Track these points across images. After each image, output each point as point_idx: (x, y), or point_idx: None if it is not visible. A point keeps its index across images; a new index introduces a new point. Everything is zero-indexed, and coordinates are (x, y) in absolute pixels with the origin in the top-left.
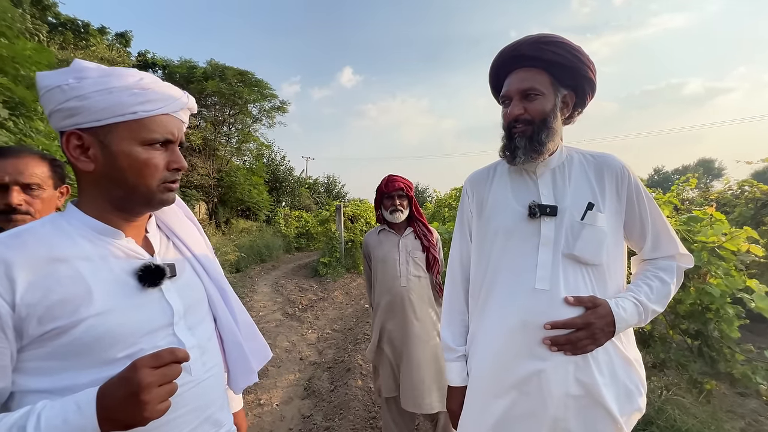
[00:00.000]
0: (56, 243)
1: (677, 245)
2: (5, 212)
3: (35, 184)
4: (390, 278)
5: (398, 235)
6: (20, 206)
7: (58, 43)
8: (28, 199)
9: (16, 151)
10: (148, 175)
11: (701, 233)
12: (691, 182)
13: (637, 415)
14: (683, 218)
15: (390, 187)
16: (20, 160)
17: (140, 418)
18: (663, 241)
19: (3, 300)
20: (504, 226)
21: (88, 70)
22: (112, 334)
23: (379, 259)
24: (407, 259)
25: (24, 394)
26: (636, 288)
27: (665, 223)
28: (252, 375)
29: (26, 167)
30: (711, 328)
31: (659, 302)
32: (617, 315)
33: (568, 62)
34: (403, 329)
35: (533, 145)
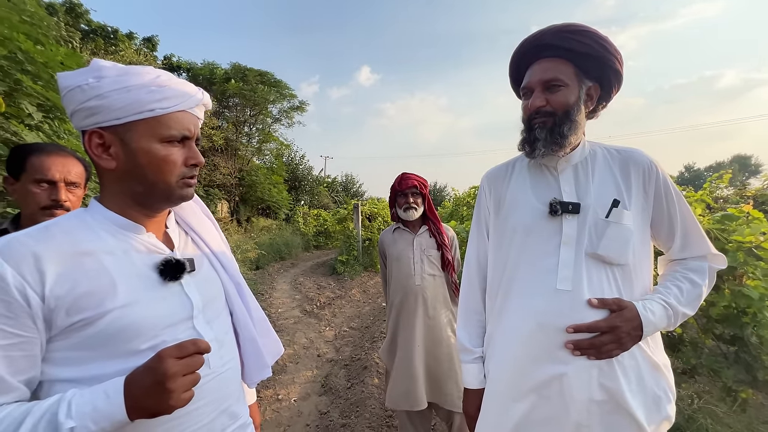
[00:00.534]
0: (82, 237)
1: (708, 245)
2: (50, 207)
3: (76, 183)
4: (404, 276)
5: (413, 234)
6: (65, 203)
7: (90, 49)
8: (70, 196)
9: (61, 150)
10: (167, 171)
11: (737, 232)
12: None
13: (666, 425)
14: (717, 216)
15: (403, 185)
16: (67, 159)
17: (166, 406)
18: (693, 241)
19: (33, 291)
20: (523, 224)
21: (106, 69)
22: (136, 326)
23: (394, 257)
24: (422, 258)
25: (52, 384)
26: (664, 290)
27: (695, 221)
28: (265, 369)
29: (72, 166)
30: (748, 333)
31: (690, 305)
32: (644, 318)
33: (594, 52)
34: (417, 327)
35: (554, 138)
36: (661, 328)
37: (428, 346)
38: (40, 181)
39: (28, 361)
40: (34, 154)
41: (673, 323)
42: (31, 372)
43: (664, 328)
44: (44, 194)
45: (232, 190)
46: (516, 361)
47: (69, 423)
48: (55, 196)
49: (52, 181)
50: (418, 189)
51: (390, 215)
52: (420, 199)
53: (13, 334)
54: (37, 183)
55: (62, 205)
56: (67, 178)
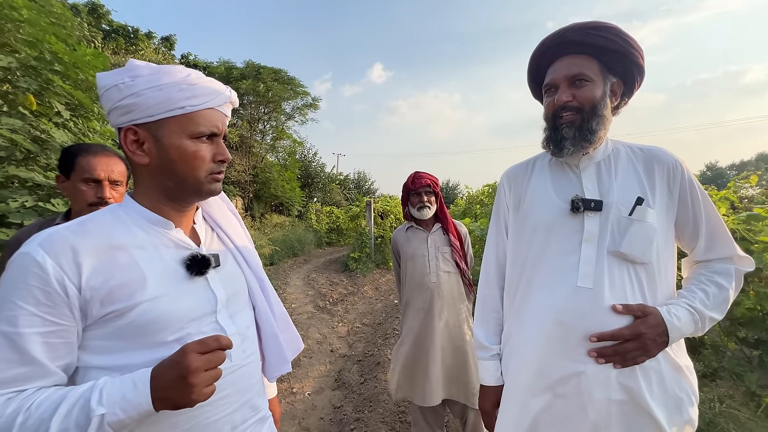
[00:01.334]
0: (115, 232)
1: (734, 246)
2: (96, 203)
3: (120, 181)
4: (419, 275)
5: (426, 232)
6: (110, 200)
7: (111, 48)
8: (114, 194)
9: (105, 149)
10: (196, 166)
11: (763, 233)
12: (751, 179)
13: (689, 430)
14: (742, 216)
15: (417, 184)
16: (111, 159)
17: (188, 399)
18: (718, 242)
19: (71, 283)
20: (544, 222)
21: (141, 68)
22: (164, 318)
23: (408, 255)
24: (436, 255)
25: (86, 370)
26: (690, 294)
27: (721, 222)
28: (286, 364)
29: (115, 165)
30: None
31: (717, 309)
32: (670, 324)
33: (619, 47)
34: (433, 325)
35: (583, 134)
36: (688, 333)
37: (445, 342)
38: (87, 180)
39: (65, 348)
40: (82, 154)
41: (701, 328)
42: (68, 358)
43: (691, 334)
44: (91, 192)
45: (246, 187)
46: (534, 359)
47: (100, 409)
48: (100, 194)
49: (98, 180)
50: (431, 188)
51: (402, 214)
52: (433, 198)
53: (52, 322)
54: (84, 181)
55: (107, 201)
56: (110, 177)
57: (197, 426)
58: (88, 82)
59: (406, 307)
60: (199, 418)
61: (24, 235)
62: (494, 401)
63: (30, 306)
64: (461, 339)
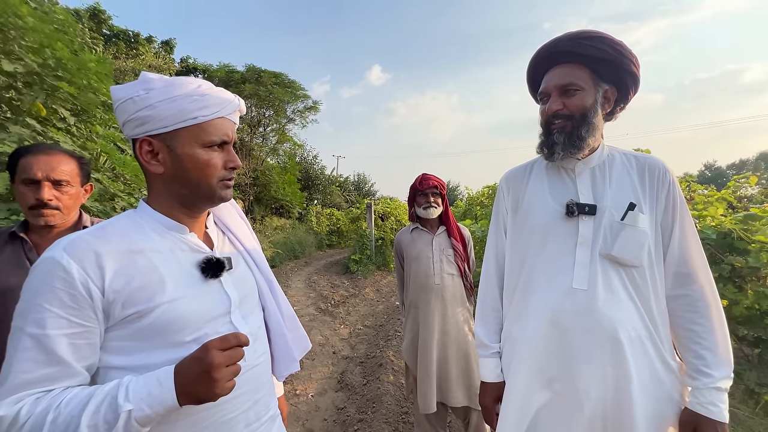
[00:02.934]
0: (134, 237)
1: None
2: (36, 207)
3: (64, 181)
4: (423, 276)
5: (431, 233)
6: (50, 201)
7: (112, 53)
8: (58, 194)
9: (47, 148)
10: (209, 174)
11: (760, 232)
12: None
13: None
14: (739, 216)
15: (424, 185)
16: (52, 157)
17: (211, 393)
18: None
19: (95, 286)
20: (540, 225)
21: (154, 81)
22: (182, 319)
23: (413, 257)
24: (441, 257)
25: (108, 370)
26: (700, 362)
27: (697, 238)
28: (294, 364)
29: (57, 164)
30: None
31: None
32: (719, 416)
33: (609, 56)
34: (436, 327)
35: (572, 141)
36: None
37: (445, 345)
38: (26, 181)
39: (90, 349)
40: (23, 155)
41: (730, 383)
42: (92, 359)
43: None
44: (30, 193)
45: (246, 190)
46: (534, 358)
47: (127, 406)
48: (38, 195)
49: (36, 180)
50: (437, 189)
51: (408, 215)
52: (440, 200)
53: (78, 323)
54: (23, 183)
55: (47, 204)
56: (51, 176)
57: (215, 423)
58: (92, 88)
59: (409, 308)
60: (216, 415)
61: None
62: (494, 397)
63: (56, 308)
64: (464, 341)
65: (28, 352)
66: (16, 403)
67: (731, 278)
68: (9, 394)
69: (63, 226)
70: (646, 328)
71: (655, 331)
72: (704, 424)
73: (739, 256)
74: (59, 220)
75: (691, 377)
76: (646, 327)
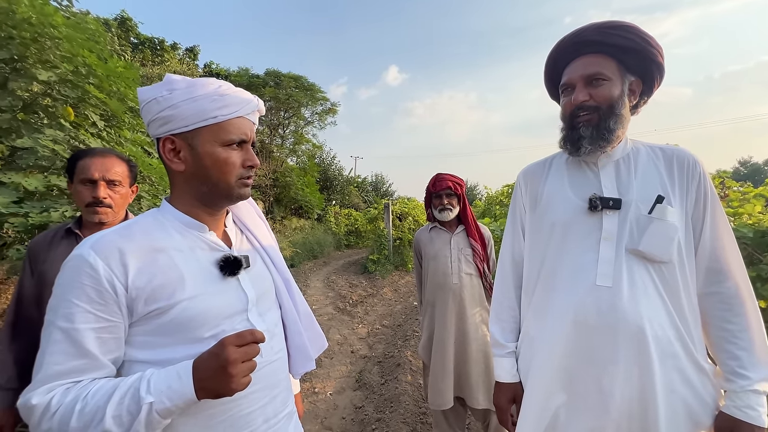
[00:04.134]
0: (156, 235)
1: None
2: (92, 204)
3: (117, 181)
4: (441, 275)
5: (450, 233)
6: (105, 199)
7: (139, 60)
8: (111, 194)
9: (103, 151)
10: (227, 172)
11: None
12: None
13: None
14: None
15: (438, 186)
16: (107, 159)
17: (228, 388)
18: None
19: (119, 282)
20: (561, 221)
21: (177, 82)
22: (201, 316)
23: (431, 256)
24: (459, 257)
25: (132, 363)
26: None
27: (728, 230)
28: (310, 362)
29: (112, 166)
30: None
31: (764, 352)
32: (759, 420)
33: (637, 46)
34: (453, 326)
35: (601, 133)
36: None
37: (463, 345)
38: (84, 181)
39: (115, 343)
40: (81, 157)
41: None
42: (117, 352)
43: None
44: (87, 192)
45: (266, 191)
46: (556, 358)
47: (149, 398)
48: (95, 194)
49: (93, 180)
50: (452, 190)
51: (426, 216)
52: (455, 200)
53: (104, 318)
54: (82, 183)
55: (102, 201)
56: (106, 177)
57: (232, 418)
58: (120, 93)
59: (426, 307)
60: (234, 410)
61: (41, 239)
62: (509, 398)
63: (84, 304)
64: (483, 342)
65: (59, 345)
66: (48, 392)
67: None
68: (41, 384)
69: (112, 223)
70: (676, 328)
71: (686, 331)
72: (741, 429)
73: None
74: (111, 218)
75: (726, 380)
76: (675, 326)
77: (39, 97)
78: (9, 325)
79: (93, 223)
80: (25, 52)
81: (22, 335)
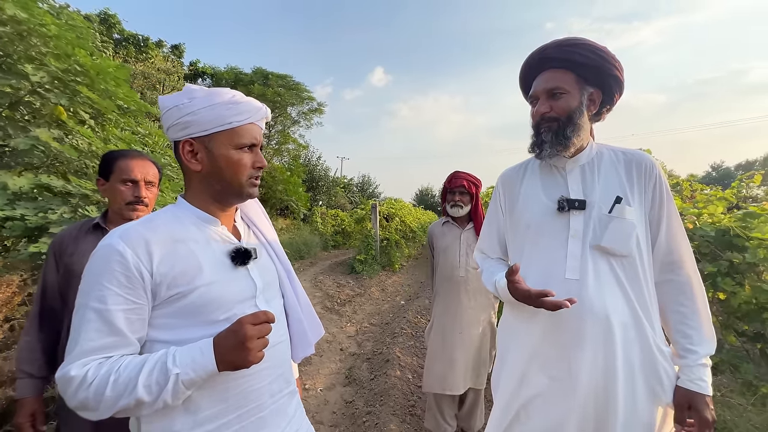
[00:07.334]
0: (175, 228)
1: (687, 248)
2: (133, 202)
3: (153, 182)
4: (450, 267)
5: (460, 228)
6: (145, 199)
7: (122, 56)
8: (148, 193)
9: (141, 154)
10: (239, 172)
11: (757, 229)
12: (755, 178)
13: (670, 411)
14: (738, 215)
15: (453, 184)
16: (145, 161)
17: (245, 361)
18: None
19: (145, 269)
20: (535, 221)
21: (196, 91)
22: (216, 300)
23: (442, 248)
24: (467, 252)
25: (153, 343)
26: (687, 341)
27: (683, 229)
28: (309, 347)
29: (150, 168)
30: None
31: (710, 330)
32: (707, 389)
33: (592, 62)
34: (454, 315)
35: (559, 140)
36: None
37: (467, 333)
38: (125, 181)
39: (140, 323)
40: (121, 158)
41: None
42: (141, 332)
43: None
44: (129, 191)
45: None
46: (531, 345)
47: (175, 369)
48: (137, 193)
49: (135, 180)
50: (465, 188)
51: (441, 210)
52: (467, 198)
53: (132, 301)
54: (123, 182)
55: (142, 200)
56: (146, 178)
57: (244, 392)
58: (110, 92)
59: (435, 296)
60: (245, 385)
61: (66, 234)
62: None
63: (115, 287)
64: (483, 332)
65: (92, 324)
66: (83, 366)
67: (729, 273)
68: (78, 358)
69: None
70: (637, 314)
71: (646, 317)
72: (696, 400)
73: (737, 253)
74: (144, 215)
75: (680, 356)
76: (636, 313)
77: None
78: (35, 316)
79: (122, 219)
80: (11, 48)
81: (47, 326)
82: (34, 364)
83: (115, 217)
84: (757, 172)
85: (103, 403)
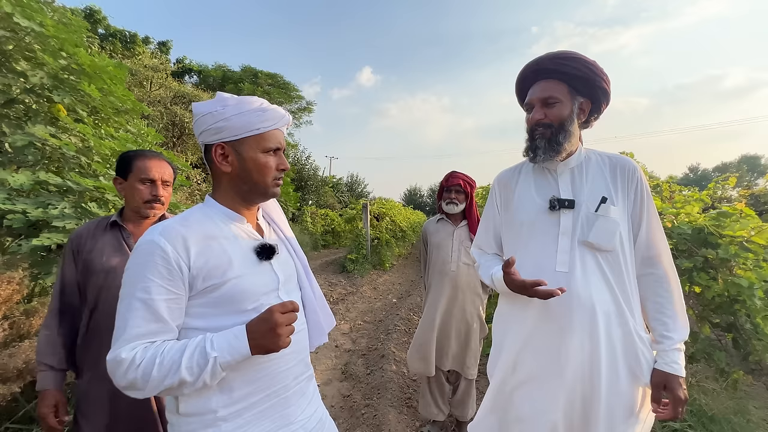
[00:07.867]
0: (207, 225)
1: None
2: (151, 201)
3: (168, 182)
4: (442, 263)
5: (454, 225)
6: (162, 197)
7: (108, 52)
8: (164, 192)
9: (158, 155)
10: (266, 174)
11: (729, 228)
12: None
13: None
14: (712, 214)
15: (449, 182)
16: (162, 162)
17: (276, 345)
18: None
19: (184, 263)
20: (528, 219)
21: (228, 99)
22: (246, 292)
23: (435, 244)
24: (459, 248)
25: (188, 330)
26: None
27: (661, 227)
28: (323, 336)
29: (166, 168)
30: (743, 320)
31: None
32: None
33: (583, 74)
34: (443, 306)
35: (552, 145)
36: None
37: (448, 324)
38: (143, 180)
39: (179, 312)
40: (139, 158)
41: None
42: (179, 320)
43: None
44: (147, 190)
45: None
46: (525, 331)
47: (213, 353)
48: (155, 192)
49: (153, 180)
50: (461, 187)
51: (437, 207)
52: (462, 196)
53: (172, 292)
54: (141, 181)
55: (159, 199)
56: (162, 178)
57: (271, 374)
58: (107, 90)
59: (428, 289)
60: (272, 368)
61: (84, 231)
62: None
63: (158, 279)
64: (470, 325)
65: (138, 312)
66: (132, 350)
67: (704, 268)
68: (126, 343)
69: (154, 217)
70: (620, 304)
71: (627, 307)
72: (671, 380)
73: (711, 249)
74: (160, 213)
75: (657, 342)
76: (619, 302)
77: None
78: (55, 311)
79: (137, 216)
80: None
81: (66, 321)
82: (54, 357)
83: (131, 215)
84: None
85: (150, 382)
